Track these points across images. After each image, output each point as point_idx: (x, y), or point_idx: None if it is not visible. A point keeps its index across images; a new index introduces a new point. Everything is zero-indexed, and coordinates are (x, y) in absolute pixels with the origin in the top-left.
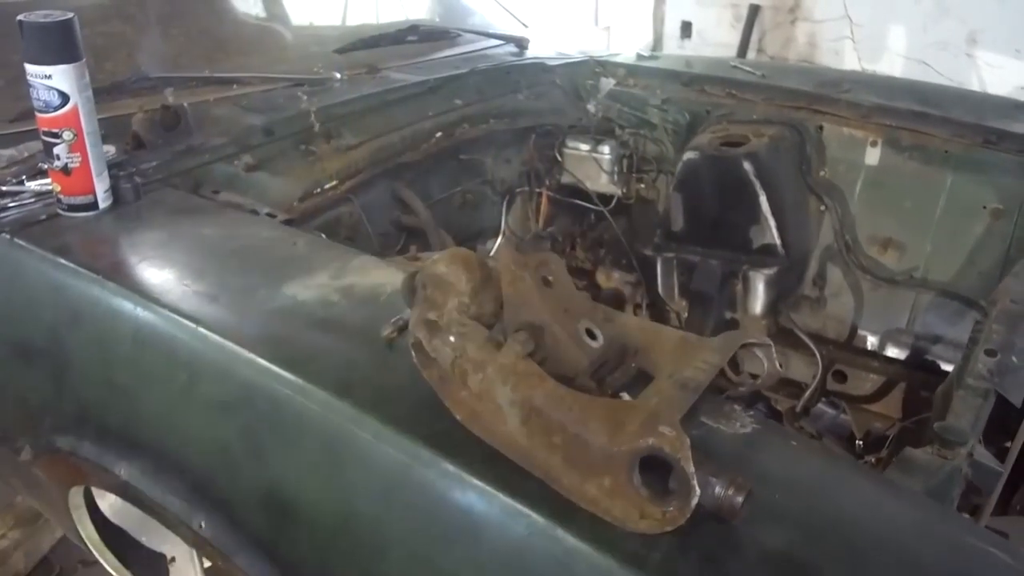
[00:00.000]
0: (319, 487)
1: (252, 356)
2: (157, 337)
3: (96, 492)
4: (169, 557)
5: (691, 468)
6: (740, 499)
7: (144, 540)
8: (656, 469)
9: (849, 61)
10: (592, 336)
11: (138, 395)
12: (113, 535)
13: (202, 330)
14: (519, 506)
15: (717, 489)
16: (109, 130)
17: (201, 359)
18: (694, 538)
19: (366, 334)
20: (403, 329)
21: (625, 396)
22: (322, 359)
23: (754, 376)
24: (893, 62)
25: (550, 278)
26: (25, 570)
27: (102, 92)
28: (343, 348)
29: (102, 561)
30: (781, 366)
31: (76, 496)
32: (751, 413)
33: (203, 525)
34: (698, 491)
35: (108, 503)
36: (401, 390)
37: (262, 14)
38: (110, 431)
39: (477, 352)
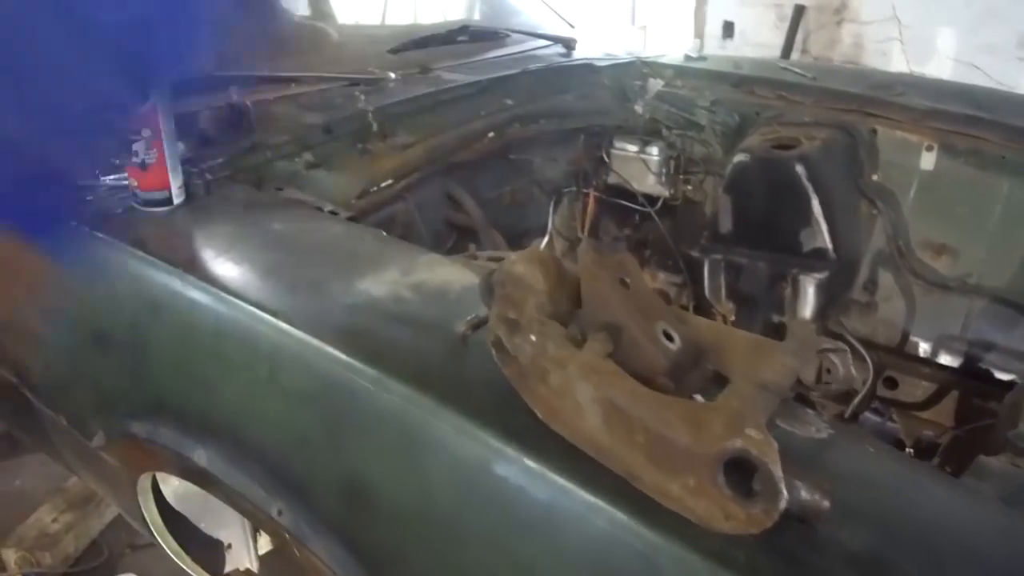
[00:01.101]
0: (397, 477)
1: (331, 350)
2: (238, 329)
3: (160, 477)
4: (226, 543)
5: (779, 472)
6: (826, 504)
7: (203, 526)
8: (737, 470)
9: (897, 63)
10: (669, 338)
11: (218, 385)
12: (173, 520)
13: (282, 324)
14: (600, 502)
15: (802, 493)
16: (178, 127)
17: (282, 351)
18: (777, 538)
19: (440, 330)
20: (478, 326)
21: (699, 398)
22: (399, 353)
23: (827, 382)
24: (942, 64)
25: (627, 279)
26: (76, 553)
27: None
28: (419, 343)
29: (163, 544)
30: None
31: (145, 481)
32: (826, 418)
33: (281, 512)
34: (786, 495)
35: (171, 489)
36: (478, 385)
37: (318, 15)
38: (189, 419)
39: (557, 350)
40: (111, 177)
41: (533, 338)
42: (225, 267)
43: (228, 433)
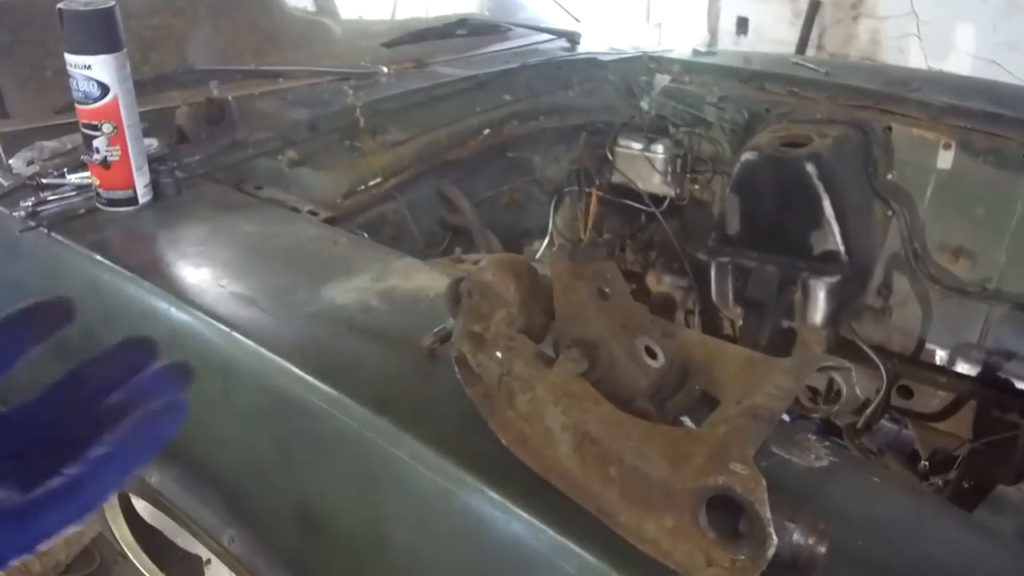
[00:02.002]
0: (353, 506)
1: (287, 364)
2: (192, 340)
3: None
4: (204, 559)
5: (767, 513)
6: (822, 549)
7: (179, 541)
8: (723, 505)
9: (915, 59)
10: (652, 355)
11: None
12: (147, 535)
13: (237, 335)
14: (569, 543)
15: (796, 536)
16: (154, 123)
17: (236, 365)
18: None
19: (406, 343)
20: (445, 339)
21: (687, 422)
22: (359, 369)
23: (828, 403)
24: (961, 61)
25: (607, 289)
26: (66, 560)
27: (147, 84)
28: (382, 358)
29: (135, 562)
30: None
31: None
32: (826, 443)
33: (233, 540)
34: (775, 539)
35: (143, 503)
36: (443, 406)
37: (309, 7)
38: None
39: (525, 369)
40: (77, 176)
41: (499, 355)
42: (184, 272)
43: (181, 452)
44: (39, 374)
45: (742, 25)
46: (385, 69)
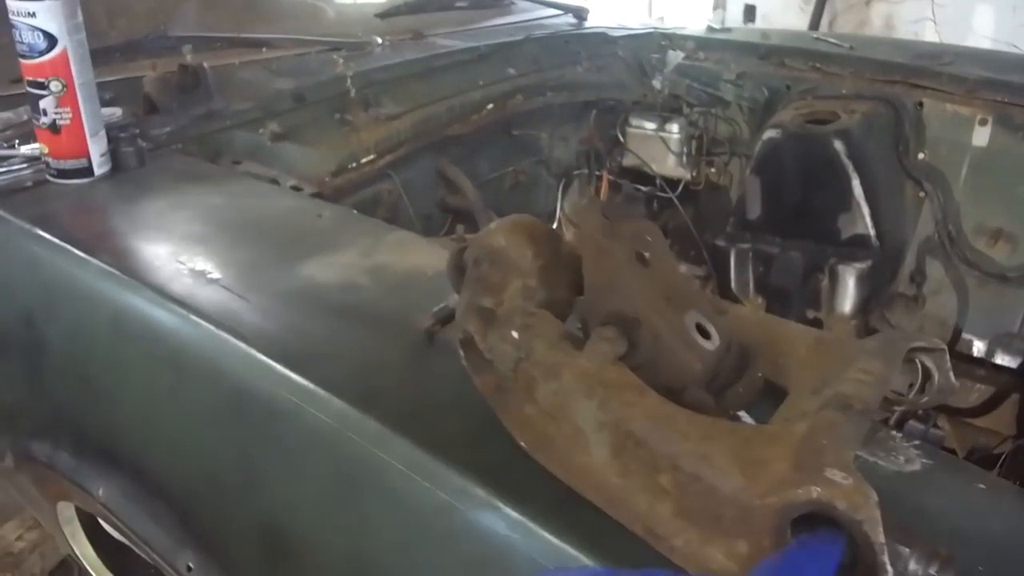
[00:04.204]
0: (330, 525)
1: (249, 350)
2: (139, 325)
3: None
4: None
5: (880, 537)
6: None
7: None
8: (809, 528)
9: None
10: (704, 334)
11: (117, 398)
12: (115, 550)
13: (192, 316)
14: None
15: (912, 566)
16: (122, 94)
17: (189, 353)
18: None
19: (400, 326)
20: (447, 320)
21: (746, 418)
22: (340, 358)
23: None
24: (979, 44)
25: (647, 254)
26: (41, 573)
27: (114, 51)
28: (368, 344)
29: None
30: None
31: (67, 510)
32: (916, 443)
33: (191, 567)
34: (890, 571)
35: None
36: (444, 401)
37: None
38: (87, 441)
39: (549, 352)
40: (28, 147)
41: (515, 335)
42: (136, 248)
43: (129, 461)
44: None
45: (749, 13)
46: (379, 39)
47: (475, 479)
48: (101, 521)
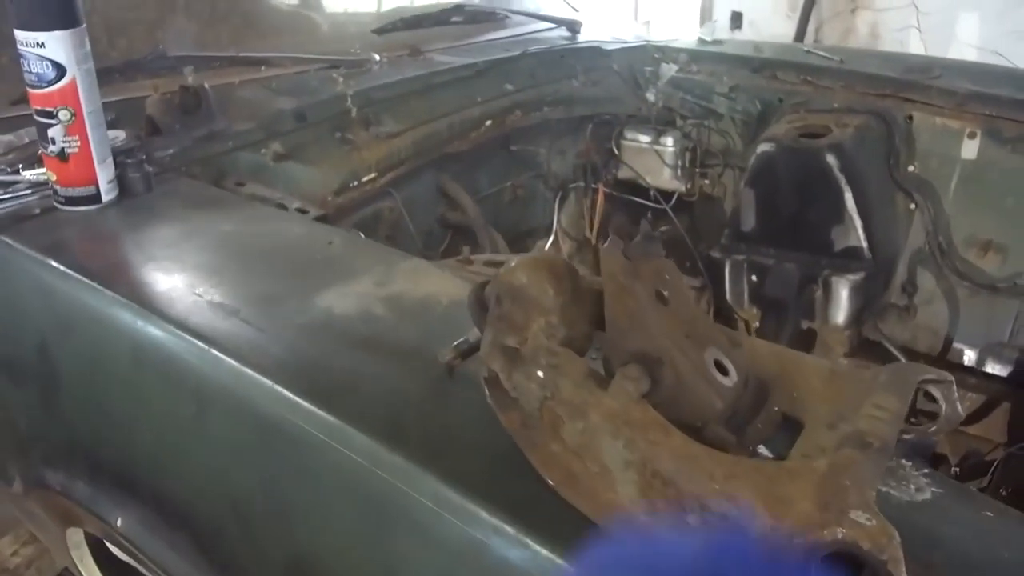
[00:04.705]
0: (358, 559)
1: (275, 386)
2: (160, 357)
3: None
4: None
5: (903, 575)
6: None
7: None
8: (829, 567)
9: (915, 52)
10: (723, 370)
11: (137, 428)
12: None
13: (214, 351)
14: None
15: None
16: (122, 114)
17: (212, 387)
18: None
19: (420, 358)
20: (467, 354)
21: (764, 452)
22: (363, 392)
23: (919, 421)
24: (964, 53)
25: (665, 292)
26: None
27: (114, 71)
28: (391, 377)
29: None
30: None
31: (75, 535)
32: (926, 471)
33: None
34: None
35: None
36: (469, 437)
37: None
38: (103, 470)
39: (575, 392)
40: (33, 172)
41: (540, 374)
42: (153, 278)
43: (149, 491)
44: None
45: (736, 19)
46: (377, 57)
47: (504, 515)
48: (109, 545)
